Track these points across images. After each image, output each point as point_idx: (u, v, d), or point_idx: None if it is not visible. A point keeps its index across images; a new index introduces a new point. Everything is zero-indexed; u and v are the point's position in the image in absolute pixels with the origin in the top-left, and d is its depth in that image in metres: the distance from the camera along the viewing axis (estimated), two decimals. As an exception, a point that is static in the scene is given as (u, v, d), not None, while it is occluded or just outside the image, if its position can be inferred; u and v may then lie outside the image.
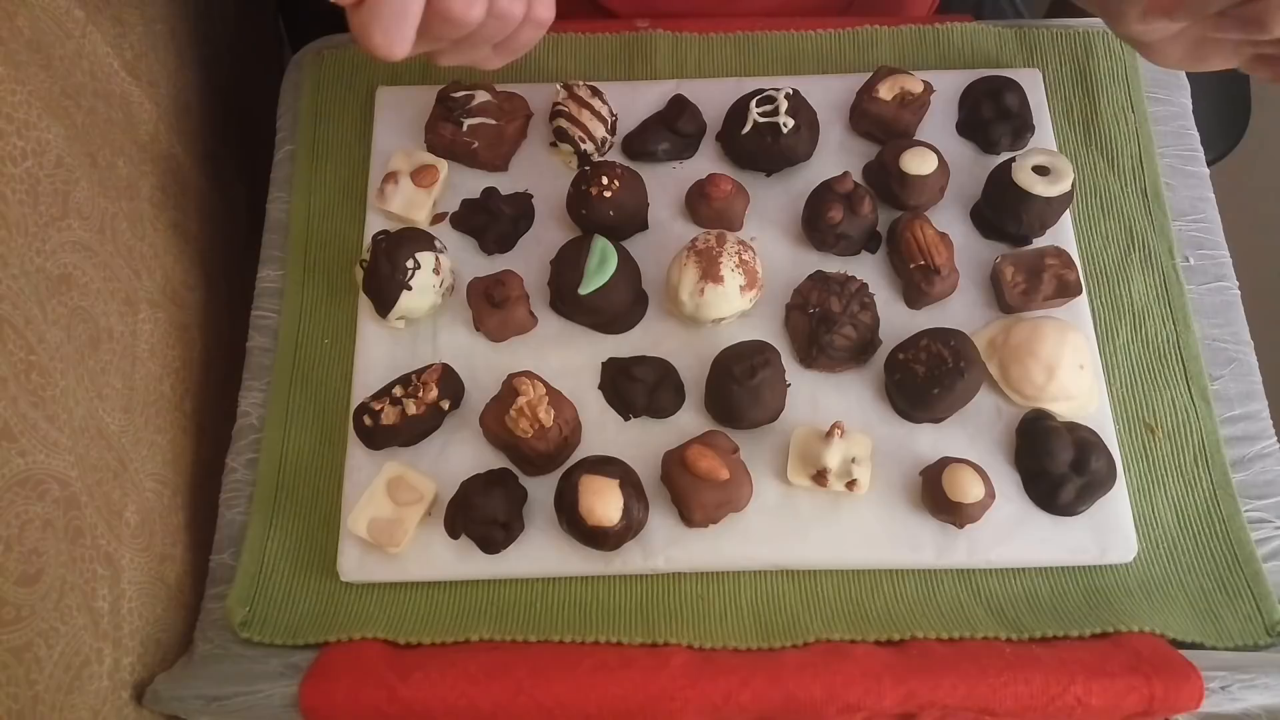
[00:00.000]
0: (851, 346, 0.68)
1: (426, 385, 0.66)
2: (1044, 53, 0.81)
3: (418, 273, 0.67)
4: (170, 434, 0.70)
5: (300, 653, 0.63)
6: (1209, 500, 0.67)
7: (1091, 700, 0.58)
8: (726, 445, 0.65)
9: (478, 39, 0.51)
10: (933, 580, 0.66)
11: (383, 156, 0.76)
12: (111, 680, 0.60)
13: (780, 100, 0.73)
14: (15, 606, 0.51)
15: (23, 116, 0.56)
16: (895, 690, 0.59)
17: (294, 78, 0.82)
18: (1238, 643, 0.63)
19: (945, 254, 0.69)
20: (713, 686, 0.59)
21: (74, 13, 0.65)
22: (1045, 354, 0.67)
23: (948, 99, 0.78)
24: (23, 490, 0.52)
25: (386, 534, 0.64)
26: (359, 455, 0.68)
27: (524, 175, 0.77)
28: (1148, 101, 0.80)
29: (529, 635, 0.63)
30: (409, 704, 0.59)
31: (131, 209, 0.69)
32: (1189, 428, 0.69)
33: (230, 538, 0.68)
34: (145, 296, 0.69)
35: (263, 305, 0.75)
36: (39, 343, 0.55)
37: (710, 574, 0.66)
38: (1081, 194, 0.76)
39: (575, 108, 0.74)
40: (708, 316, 0.68)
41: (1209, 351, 0.72)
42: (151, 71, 0.74)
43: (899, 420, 0.69)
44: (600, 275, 0.67)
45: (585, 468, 0.63)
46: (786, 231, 0.74)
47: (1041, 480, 0.65)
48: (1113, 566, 0.66)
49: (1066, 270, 0.70)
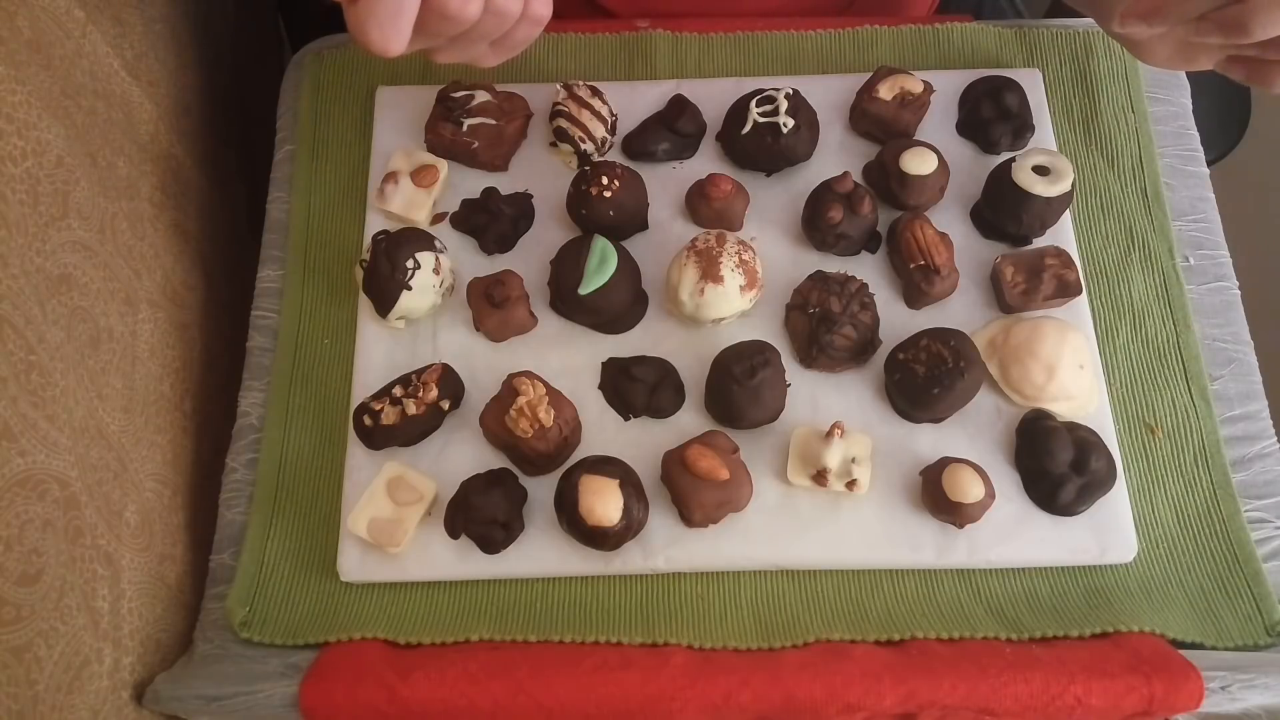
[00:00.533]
0: (851, 346, 0.68)
1: (426, 385, 0.66)
2: (1044, 53, 0.81)
3: (418, 273, 0.67)
4: (170, 434, 0.70)
5: (300, 653, 0.63)
6: (1209, 500, 0.67)
7: (1091, 700, 0.58)
8: (726, 445, 0.65)
9: (475, 35, 0.51)
10: (933, 580, 0.66)
11: (383, 156, 0.76)
12: (111, 680, 0.60)
13: (780, 100, 0.73)
14: (15, 606, 0.51)
15: (23, 116, 0.56)
16: (895, 690, 0.59)
17: (294, 78, 0.82)
18: (1238, 643, 0.63)
19: (945, 254, 0.69)
20: (713, 686, 0.59)
21: (74, 13, 0.65)
22: (1045, 354, 0.67)
23: (948, 99, 0.78)
24: (23, 490, 0.52)
25: (386, 534, 0.64)
26: (359, 455, 0.68)
27: (524, 175, 0.77)
28: (1148, 101, 0.80)
29: (529, 635, 0.63)
30: (409, 704, 0.59)
31: (131, 209, 0.69)
32: (1189, 428, 0.69)
33: (230, 538, 0.68)
34: (145, 296, 0.69)
35: (263, 305, 0.75)
36: (39, 343, 0.55)
37: (710, 574, 0.66)
38: (1081, 194, 0.76)
39: (575, 108, 0.74)
40: (708, 316, 0.68)
41: (1209, 351, 0.72)
42: (151, 71, 0.74)
43: (899, 420, 0.69)
44: (600, 275, 0.67)
45: (585, 468, 0.63)
46: (786, 231, 0.74)
47: (1041, 480, 0.65)
48: (1113, 566, 0.66)
49: (1066, 270, 0.70)
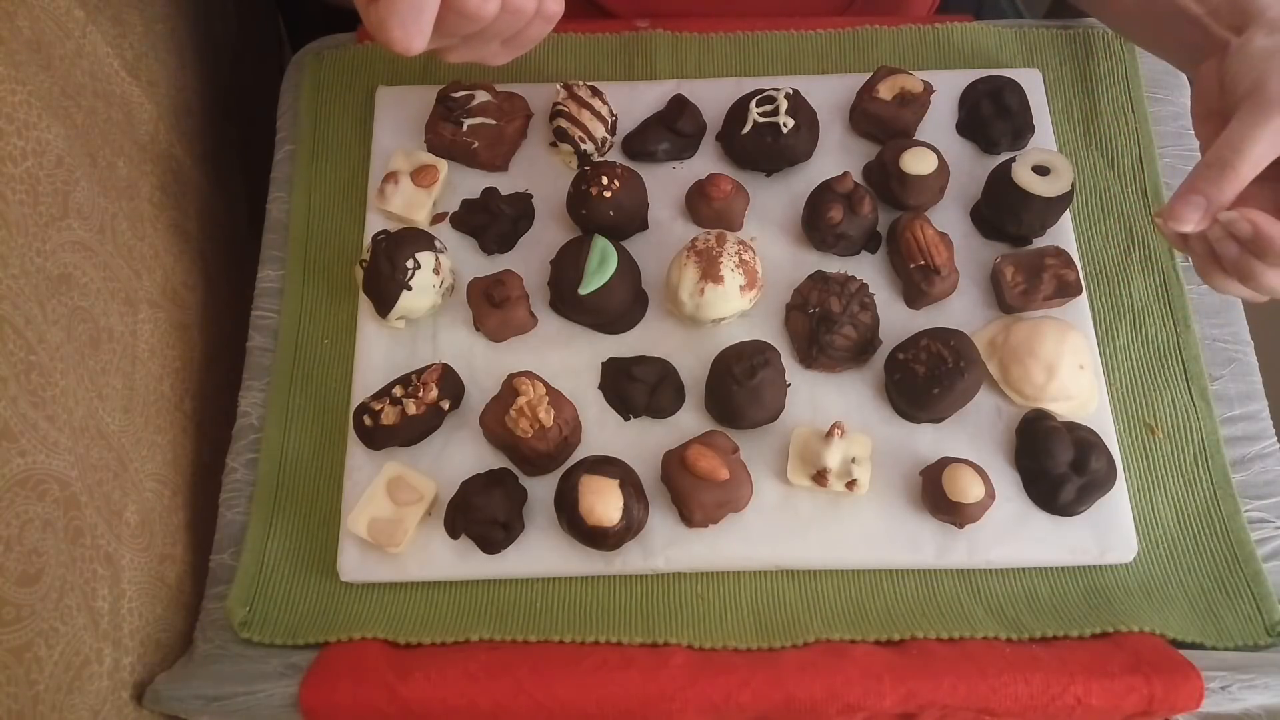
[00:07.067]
0: (851, 346, 0.68)
1: (426, 385, 0.66)
2: (1044, 53, 0.81)
3: (418, 273, 0.67)
4: (170, 434, 0.70)
5: (300, 653, 0.63)
6: (1209, 500, 0.67)
7: (1091, 700, 0.58)
8: (726, 445, 0.65)
9: (489, 34, 0.51)
10: (933, 580, 0.66)
11: (383, 156, 0.76)
12: (111, 680, 0.60)
13: (780, 100, 0.73)
14: (15, 606, 0.51)
15: (23, 116, 0.56)
16: (895, 690, 0.59)
17: (294, 78, 0.82)
18: (1238, 643, 0.63)
19: (945, 254, 0.69)
20: (713, 686, 0.59)
21: (74, 13, 0.65)
22: (1045, 354, 0.67)
23: (948, 99, 0.78)
24: (23, 490, 0.52)
25: (386, 534, 0.64)
26: (359, 455, 0.68)
27: (524, 175, 0.77)
28: (1148, 101, 0.79)
29: (529, 635, 0.63)
30: (409, 704, 0.59)
31: (131, 209, 0.69)
32: (1189, 428, 0.69)
33: (230, 538, 0.68)
34: (145, 296, 0.69)
35: (263, 305, 0.75)
36: (39, 343, 0.55)
37: (710, 574, 0.66)
38: (1081, 194, 0.76)
39: (575, 108, 0.74)
40: (708, 316, 0.68)
41: (1209, 351, 0.72)
42: (151, 71, 0.74)
43: (899, 420, 0.69)
44: (600, 275, 0.67)
45: (585, 468, 0.63)
46: (786, 231, 0.74)
47: (1041, 480, 0.65)
48: (1113, 566, 0.66)
49: (1066, 270, 0.70)
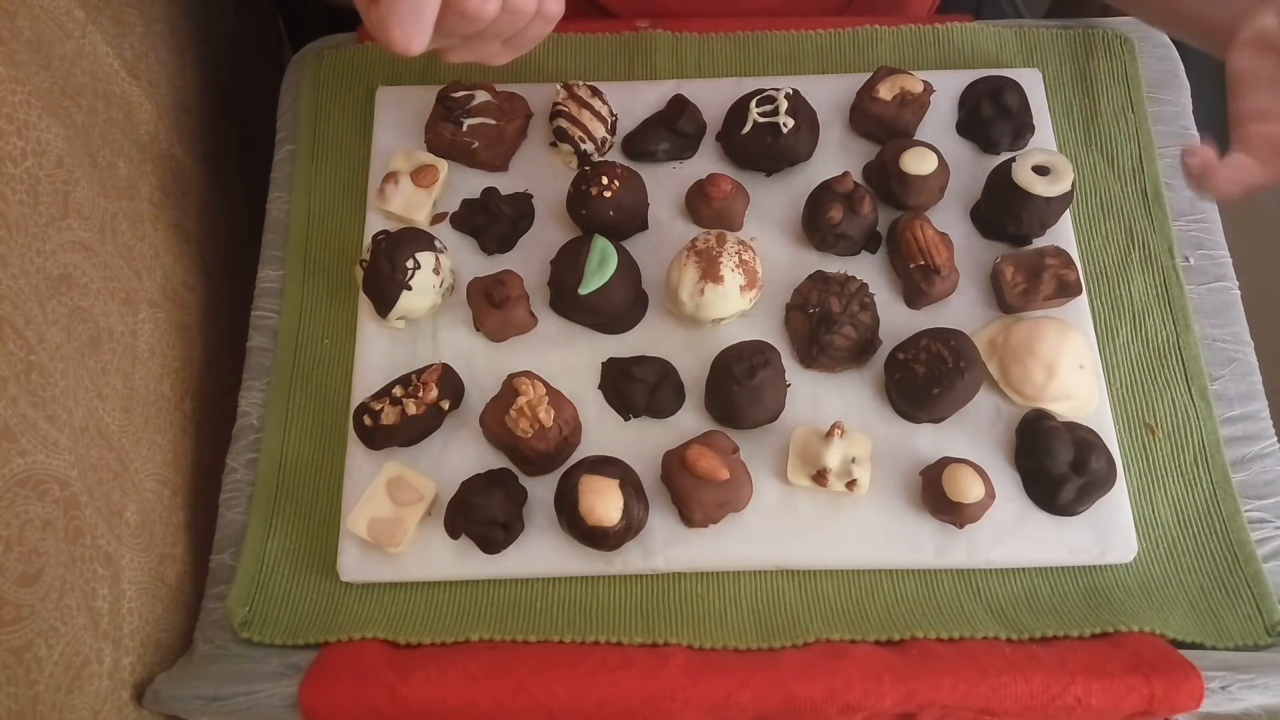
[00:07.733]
0: (851, 346, 0.68)
1: (426, 385, 0.66)
2: (1044, 53, 0.81)
3: (418, 273, 0.67)
4: (170, 434, 0.70)
5: (300, 653, 0.63)
6: (1209, 500, 0.67)
7: (1091, 700, 0.58)
8: (726, 445, 0.65)
9: (489, 34, 0.51)
10: (933, 580, 0.66)
11: (383, 156, 0.76)
12: (111, 680, 0.60)
13: (780, 100, 0.72)
14: (15, 606, 0.51)
15: (23, 116, 0.56)
16: (895, 690, 0.59)
17: (294, 78, 0.82)
18: (1238, 643, 0.63)
19: (945, 254, 0.69)
20: (713, 686, 0.59)
21: (74, 13, 0.65)
22: (1045, 354, 0.67)
23: (948, 99, 0.78)
24: (23, 490, 0.52)
25: (386, 534, 0.64)
26: (359, 455, 0.68)
27: (524, 175, 0.77)
28: (1148, 101, 0.79)
29: (529, 635, 0.63)
30: (409, 704, 0.59)
31: (131, 209, 0.69)
32: (1189, 428, 0.69)
33: (230, 538, 0.68)
34: (145, 296, 0.69)
35: (263, 305, 0.75)
36: (39, 343, 0.55)
37: (710, 574, 0.66)
38: (1081, 194, 0.76)
39: (575, 108, 0.74)
40: (708, 316, 0.68)
41: (1209, 351, 0.72)
42: (151, 71, 0.74)
43: (899, 420, 0.69)
44: (600, 275, 0.67)
45: (585, 468, 0.63)
46: (786, 231, 0.74)
47: (1041, 480, 0.65)
48: (1113, 566, 0.66)
49: (1066, 270, 0.70)
